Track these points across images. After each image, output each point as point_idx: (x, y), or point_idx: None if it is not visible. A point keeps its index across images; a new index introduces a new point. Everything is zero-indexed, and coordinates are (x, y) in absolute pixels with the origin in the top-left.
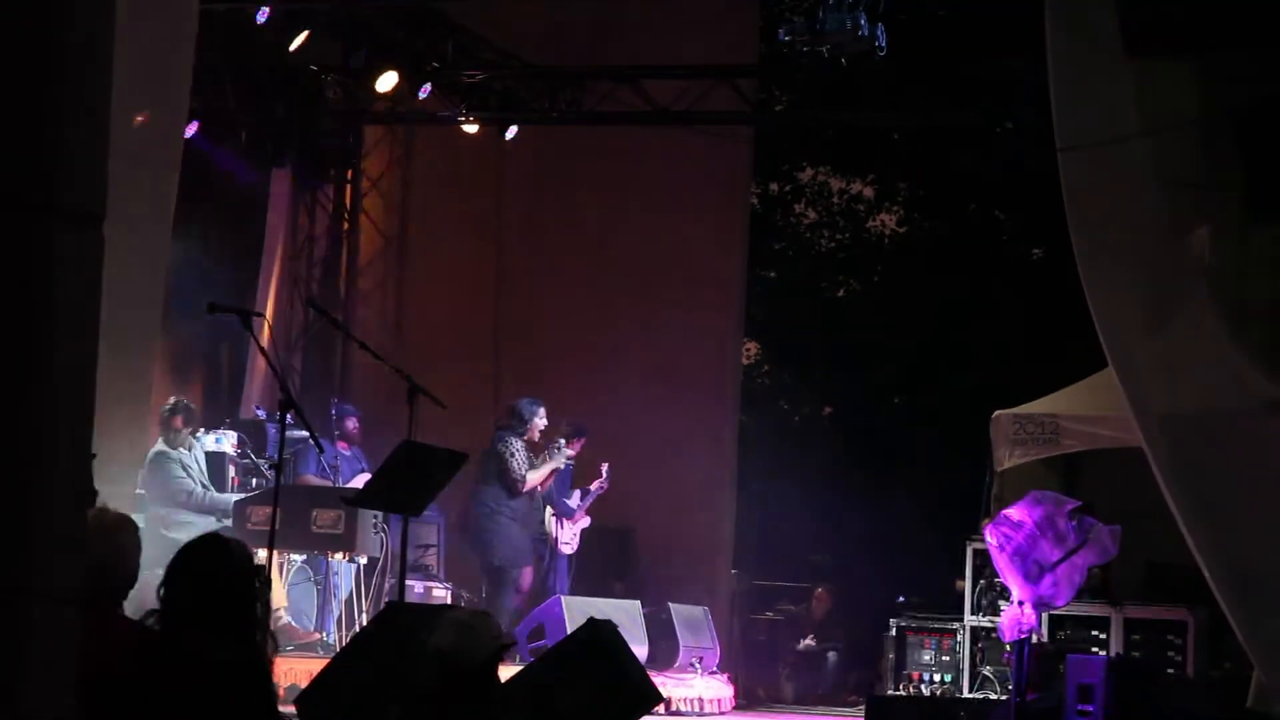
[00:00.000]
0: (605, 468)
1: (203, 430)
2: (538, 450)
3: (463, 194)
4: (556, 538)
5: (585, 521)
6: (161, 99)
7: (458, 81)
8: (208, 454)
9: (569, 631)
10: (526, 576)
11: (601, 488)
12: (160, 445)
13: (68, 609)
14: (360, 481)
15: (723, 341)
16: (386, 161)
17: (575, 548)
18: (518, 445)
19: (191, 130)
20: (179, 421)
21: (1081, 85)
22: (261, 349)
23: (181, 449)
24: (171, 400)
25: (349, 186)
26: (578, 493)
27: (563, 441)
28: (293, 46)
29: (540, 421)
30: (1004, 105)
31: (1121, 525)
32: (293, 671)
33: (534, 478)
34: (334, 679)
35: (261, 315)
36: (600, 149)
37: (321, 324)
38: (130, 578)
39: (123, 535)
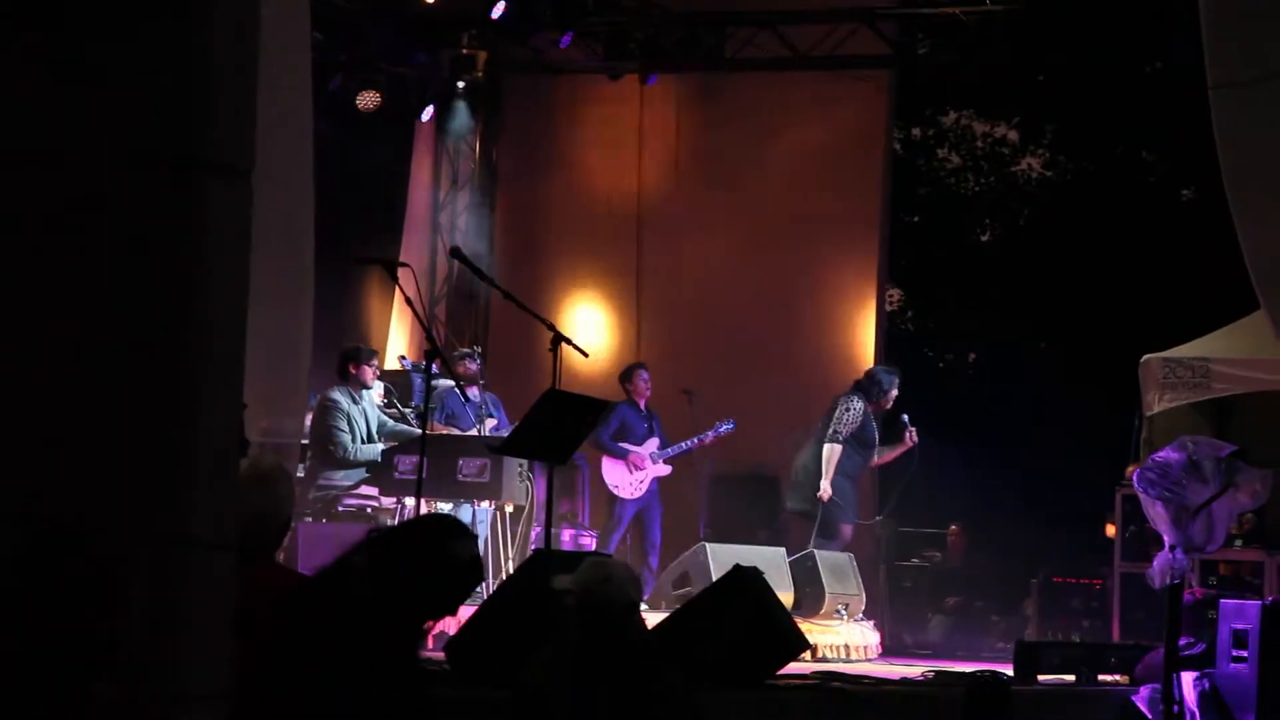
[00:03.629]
0: (717, 430)
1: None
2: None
3: (605, 141)
4: (607, 480)
5: (662, 470)
6: (285, 47)
7: (599, 29)
8: None
9: (714, 579)
10: (847, 530)
11: (700, 443)
12: (333, 392)
13: (223, 557)
14: (490, 427)
15: (866, 288)
16: (528, 110)
17: (638, 493)
18: (858, 407)
19: (335, 83)
20: (351, 366)
21: (1233, 21)
22: (407, 299)
23: (354, 396)
24: (350, 345)
25: (491, 135)
26: (654, 441)
27: (905, 417)
28: None
29: (894, 392)
30: (1154, 43)
31: (1275, 470)
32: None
33: (887, 455)
34: (482, 626)
35: (406, 265)
36: (740, 96)
37: (465, 273)
38: (285, 526)
39: (277, 484)
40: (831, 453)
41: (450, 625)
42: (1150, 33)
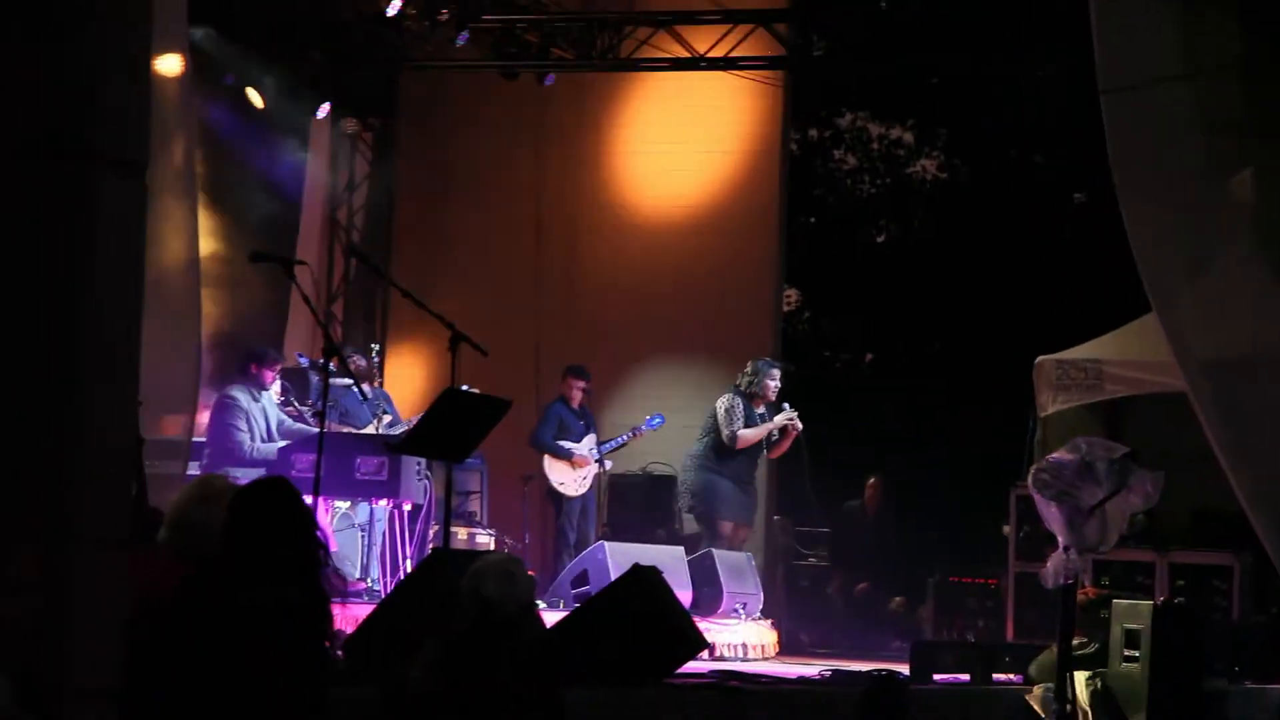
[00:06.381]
0: (649, 424)
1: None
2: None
3: (502, 140)
4: (552, 480)
5: (595, 467)
6: (169, 46)
7: (495, 28)
8: None
9: (613, 578)
10: (726, 528)
11: (633, 436)
12: (233, 389)
13: (112, 554)
14: (385, 424)
15: (763, 288)
16: (426, 108)
17: (582, 490)
18: (739, 403)
19: (229, 79)
20: (254, 367)
21: (1124, 27)
22: (304, 297)
23: (254, 394)
24: (257, 348)
25: (388, 134)
26: (591, 438)
27: (787, 405)
28: None
29: (774, 383)
30: (1046, 48)
31: (1166, 470)
32: (339, 618)
33: (748, 435)
34: (380, 625)
35: (304, 263)
36: (638, 96)
37: (364, 271)
38: None
39: (222, 502)
40: (736, 441)
41: (349, 624)
42: (1042, 37)
